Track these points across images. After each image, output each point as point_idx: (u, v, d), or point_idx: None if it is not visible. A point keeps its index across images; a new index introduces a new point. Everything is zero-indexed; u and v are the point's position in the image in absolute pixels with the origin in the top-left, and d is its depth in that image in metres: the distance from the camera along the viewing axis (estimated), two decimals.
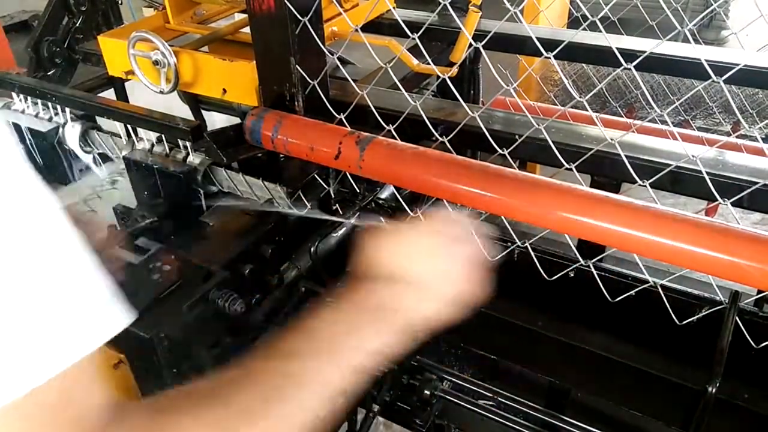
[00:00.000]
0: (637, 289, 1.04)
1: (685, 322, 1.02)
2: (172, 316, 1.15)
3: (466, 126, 1.12)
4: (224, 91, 1.35)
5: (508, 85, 1.04)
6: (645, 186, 0.94)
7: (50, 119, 1.64)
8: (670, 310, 1.01)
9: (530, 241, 1.12)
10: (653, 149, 1.06)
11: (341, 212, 1.22)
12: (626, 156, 0.97)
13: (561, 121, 1.16)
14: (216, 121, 1.90)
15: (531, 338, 1.17)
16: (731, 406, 0.99)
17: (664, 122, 1.34)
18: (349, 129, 1.11)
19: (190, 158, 1.46)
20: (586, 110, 1.03)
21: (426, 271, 0.73)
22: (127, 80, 1.60)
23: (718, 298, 1.00)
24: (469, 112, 1.09)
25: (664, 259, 0.84)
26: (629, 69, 0.91)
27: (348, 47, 1.20)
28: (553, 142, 1.02)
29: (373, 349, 0.66)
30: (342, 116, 1.16)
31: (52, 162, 1.68)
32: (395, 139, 1.08)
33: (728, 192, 0.93)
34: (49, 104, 1.62)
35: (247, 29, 1.51)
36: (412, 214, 1.21)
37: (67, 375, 0.46)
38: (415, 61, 1.35)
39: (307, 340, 0.65)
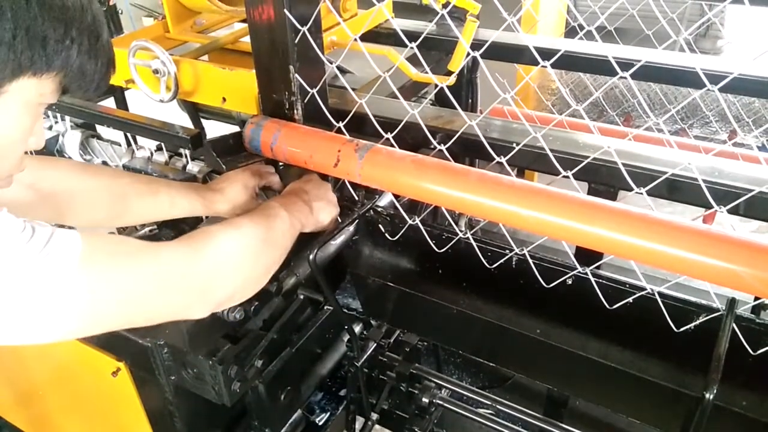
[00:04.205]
0: (634, 297, 1.04)
1: (682, 329, 1.02)
2: (171, 323, 1.15)
3: (464, 134, 1.12)
4: (224, 99, 1.36)
5: (505, 94, 1.05)
6: (642, 194, 0.95)
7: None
8: (667, 317, 1.01)
9: (528, 249, 1.12)
10: (650, 157, 1.06)
11: (340, 220, 1.22)
12: (623, 164, 0.97)
13: (558, 129, 1.17)
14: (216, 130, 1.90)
15: (529, 346, 1.17)
16: (729, 412, 0.99)
17: (660, 130, 1.35)
18: (347, 137, 1.11)
19: (190, 166, 1.46)
20: (584, 119, 1.03)
21: None
22: (127, 89, 1.61)
23: (715, 305, 1.00)
24: (467, 121, 1.10)
25: (662, 267, 0.85)
26: (626, 78, 0.92)
27: (347, 56, 1.21)
28: (550, 150, 1.02)
29: None
30: (341, 124, 1.17)
31: None
32: (394, 147, 1.08)
33: (724, 200, 0.93)
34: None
35: (246, 38, 1.52)
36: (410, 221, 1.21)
37: None
38: (413, 70, 1.36)
39: None
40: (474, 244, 1.17)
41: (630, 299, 1.04)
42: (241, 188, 1.21)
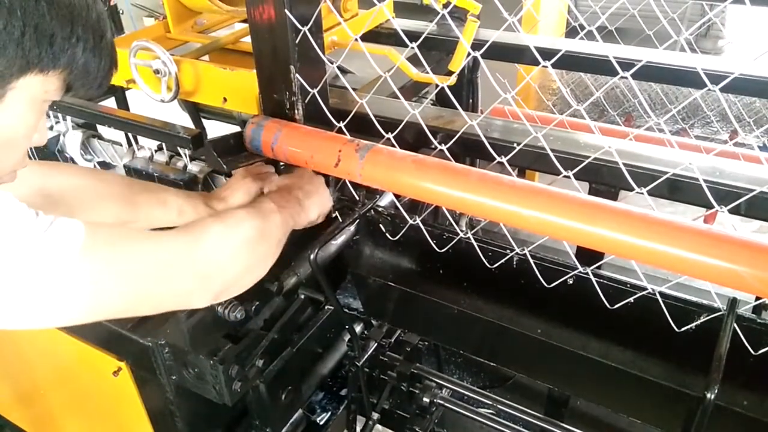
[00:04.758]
0: (635, 296, 1.04)
1: (683, 329, 1.02)
2: (172, 323, 1.15)
3: (464, 134, 1.12)
4: (225, 99, 1.36)
5: (506, 94, 1.05)
6: (643, 193, 0.95)
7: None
8: (668, 317, 1.01)
9: (529, 249, 1.12)
10: (651, 157, 1.06)
11: (341, 220, 1.22)
12: (624, 164, 0.97)
13: (559, 129, 1.17)
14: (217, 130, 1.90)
15: (530, 346, 1.17)
16: (730, 412, 0.99)
17: (661, 130, 1.35)
18: (348, 137, 1.11)
19: (190, 166, 1.46)
20: (584, 119, 1.03)
21: None
22: (128, 89, 1.61)
23: (716, 305, 1.00)
24: (468, 121, 1.10)
25: (663, 266, 0.85)
26: (627, 78, 0.92)
27: (347, 56, 1.21)
28: (551, 149, 1.03)
29: None
30: (342, 124, 1.17)
31: None
32: (394, 147, 1.08)
33: (725, 199, 0.93)
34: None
35: (247, 38, 1.53)
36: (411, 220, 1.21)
37: None
38: (414, 70, 1.36)
39: None
40: (475, 243, 1.17)
41: (631, 299, 1.04)
42: (244, 195, 1.22)
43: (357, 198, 1.31)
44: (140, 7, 5.58)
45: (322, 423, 1.48)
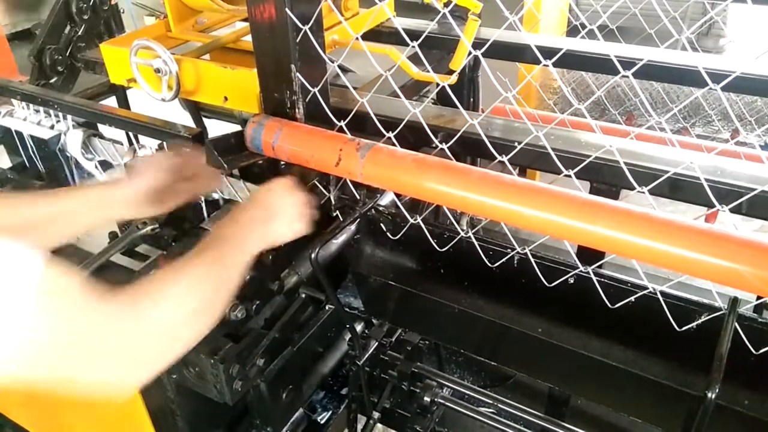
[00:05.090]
0: (636, 296, 1.04)
1: (684, 328, 1.02)
2: None
3: (465, 133, 1.12)
4: (225, 98, 1.36)
5: (507, 93, 1.05)
6: (644, 192, 0.95)
7: (52, 127, 1.65)
8: (669, 316, 1.01)
9: (530, 248, 1.12)
10: (652, 156, 1.06)
11: (342, 219, 1.22)
12: (625, 163, 0.97)
13: (560, 128, 1.16)
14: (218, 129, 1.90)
15: (530, 345, 1.17)
16: (731, 411, 0.99)
17: (662, 129, 1.35)
18: (349, 136, 1.11)
19: None
20: (585, 117, 1.03)
21: None
22: (129, 88, 1.61)
23: (717, 305, 1.00)
24: (469, 120, 1.10)
25: (664, 266, 0.85)
26: (628, 77, 0.91)
27: (348, 55, 1.21)
28: (552, 149, 1.02)
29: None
30: (342, 123, 1.17)
31: (53, 169, 1.68)
32: (395, 146, 1.08)
33: (726, 198, 0.93)
34: (51, 112, 1.63)
35: (248, 37, 1.53)
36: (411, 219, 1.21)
37: None
38: (414, 69, 1.36)
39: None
40: (475, 243, 1.17)
41: (632, 298, 1.04)
42: (153, 170, 1.11)
43: (358, 197, 1.31)
44: (141, 6, 5.59)
45: (323, 422, 1.48)
